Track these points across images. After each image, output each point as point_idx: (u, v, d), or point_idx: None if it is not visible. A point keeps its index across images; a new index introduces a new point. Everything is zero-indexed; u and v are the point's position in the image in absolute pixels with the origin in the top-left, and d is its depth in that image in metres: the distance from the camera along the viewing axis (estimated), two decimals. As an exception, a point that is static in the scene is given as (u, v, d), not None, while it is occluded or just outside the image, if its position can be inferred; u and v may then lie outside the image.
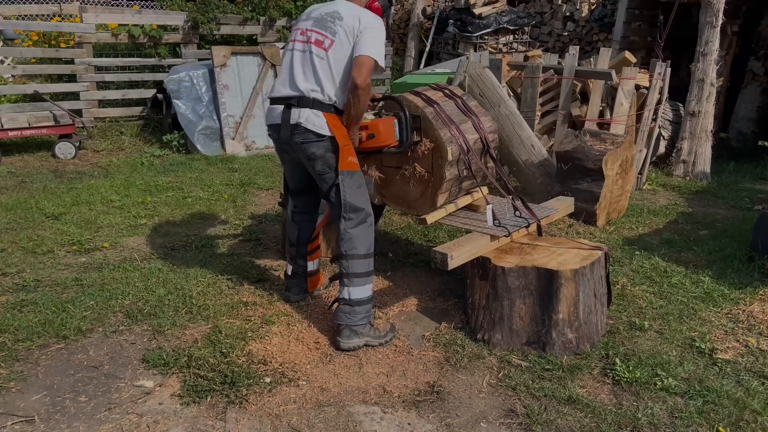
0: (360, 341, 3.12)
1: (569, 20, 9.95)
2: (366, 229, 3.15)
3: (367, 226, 3.16)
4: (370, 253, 3.16)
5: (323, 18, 3.09)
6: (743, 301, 3.73)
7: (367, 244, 3.15)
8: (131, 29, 7.66)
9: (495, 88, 5.32)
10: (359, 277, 3.13)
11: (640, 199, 5.88)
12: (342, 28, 3.03)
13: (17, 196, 5.34)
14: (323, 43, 3.05)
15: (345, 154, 3.08)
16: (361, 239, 3.13)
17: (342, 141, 3.07)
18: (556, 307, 3.06)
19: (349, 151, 3.09)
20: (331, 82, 3.06)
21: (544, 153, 5.40)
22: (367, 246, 3.15)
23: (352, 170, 3.11)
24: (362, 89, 2.96)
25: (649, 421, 2.63)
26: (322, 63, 3.05)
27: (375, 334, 3.17)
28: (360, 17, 3.04)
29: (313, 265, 3.60)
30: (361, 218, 3.13)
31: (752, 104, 8.17)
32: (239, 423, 2.58)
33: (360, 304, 3.12)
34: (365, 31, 3.01)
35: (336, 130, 3.06)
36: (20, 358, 2.97)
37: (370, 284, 3.17)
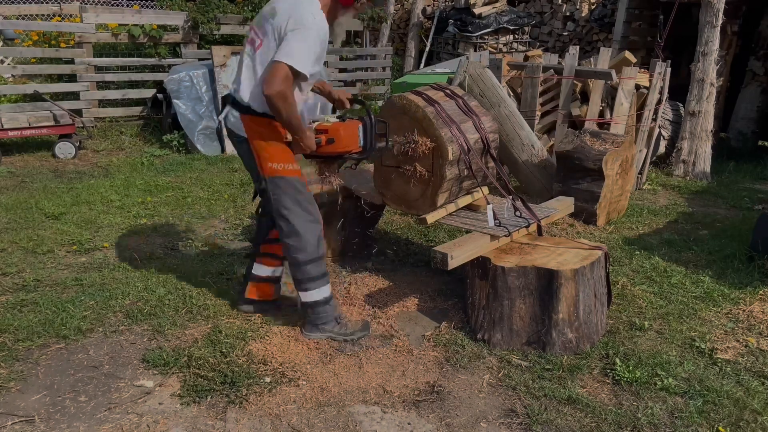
0: (322, 335, 3.16)
1: (569, 20, 9.95)
2: (302, 239, 3.03)
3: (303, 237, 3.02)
4: (312, 258, 3.06)
5: (263, 15, 2.92)
6: (743, 301, 3.73)
7: (307, 251, 3.04)
8: (131, 29, 7.66)
9: (495, 88, 5.32)
10: (307, 281, 3.10)
11: (640, 199, 5.88)
12: (271, 27, 2.83)
13: (17, 195, 5.34)
14: (254, 43, 2.91)
15: (263, 160, 2.96)
16: (296, 248, 3.04)
17: (259, 145, 2.94)
18: (556, 306, 3.06)
19: (270, 158, 2.95)
20: (251, 84, 2.91)
21: (544, 153, 5.40)
22: (306, 254, 3.05)
23: (277, 176, 2.97)
24: (273, 98, 2.73)
25: (649, 421, 2.63)
26: (248, 63, 2.93)
27: (340, 331, 3.16)
28: (292, 15, 2.77)
29: (262, 270, 3.37)
30: (292, 230, 3.03)
31: (752, 104, 8.16)
32: (239, 423, 2.58)
33: (316, 306, 3.12)
34: (292, 32, 2.75)
35: (252, 133, 2.94)
36: (20, 357, 2.97)
37: (323, 286, 3.12)
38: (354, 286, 3.77)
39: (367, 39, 10.07)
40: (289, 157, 3.00)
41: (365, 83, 9.62)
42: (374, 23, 9.95)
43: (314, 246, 3.06)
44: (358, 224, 4.18)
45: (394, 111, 3.50)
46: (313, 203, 3.09)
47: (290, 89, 2.78)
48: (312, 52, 2.78)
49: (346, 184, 3.96)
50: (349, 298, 3.63)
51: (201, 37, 8.18)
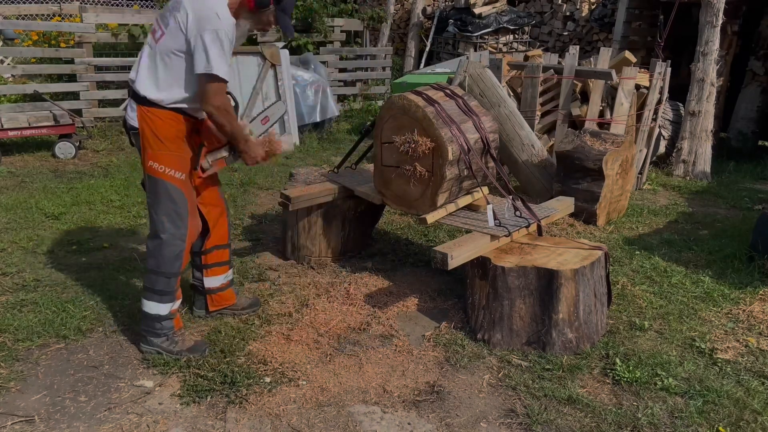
0: (150, 347, 3.01)
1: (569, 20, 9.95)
2: (160, 247, 2.88)
3: (160, 247, 2.88)
4: (161, 271, 2.90)
5: (167, 8, 2.82)
6: (743, 301, 3.73)
7: (158, 261, 2.89)
8: (131, 29, 7.66)
9: (495, 88, 5.32)
10: (147, 290, 2.95)
11: (640, 199, 5.88)
12: (174, 20, 2.71)
13: (17, 195, 5.34)
14: (156, 34, 2.80)
15: (146, 156, 2.83)
16: (152, 252, 2.91)
17: (147, 139, 2.81)
18: (556, 306, 3.06)
19: (152, 155, 2.81)
20: (150, 76, 2.79)
21: (544, 153, 5.40)
22: (157, 263, 2.90)
23: (152, 176, 2.84)
24: (215, 114, 2.74)
25: (649, 421, 2.63)
26: (148, 53, 2.80)
27: (168, 347, 2.98)
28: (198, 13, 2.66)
29: (212, 282, 3.28)
30: (154, 234, 2.90)
31: (752, 104, 8.16)
32: (239, 423, 2.58)
33: (151, 318, 2.96)
34: (205, 36, 2.64)
35: (143, 125, 2.80)
36: (20, 357, 2.97)
37: (160, 304, 2.95)
38: (354, 286, 3.77)
39: (367, 39, 10.07)
40: (175, 163, 2.85)
41: (365, 83, 9.62)
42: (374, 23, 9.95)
43: (169, 260, 2.90)
44: (357, 224, 4.19)
45: (394, 111, 3.50)
46: (183, 219, 2.90)
47: (226, 100, 2.76)
48: (227, 55, 2.71)
49: (346, 184, 3.97)
50: (349, 298, 3.63)
51: (201, 37, 8.18)
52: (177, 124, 2.84)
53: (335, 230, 4.08)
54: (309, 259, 4.11)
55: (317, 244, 4.07)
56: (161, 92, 2.78)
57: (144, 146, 2.83)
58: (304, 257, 4.11)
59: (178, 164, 2.86)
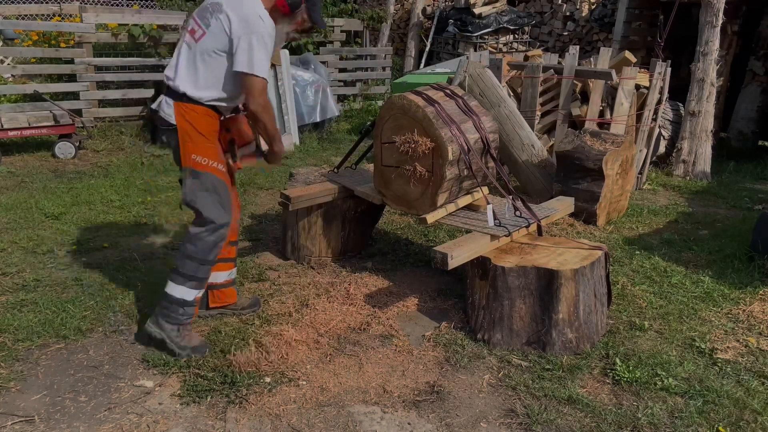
0: (159, 332, 3.01)
1: (569, 20, 9.95)
2: (204, 234, 2.94)
3: (206, 233, 2.94)
4: (197, 257, 2.95)
5: (205, 8, 2.89)
6: (743, 301, 3.73)
7: (198, 247, 2.94)
8: (131, 29, 7.65)
9: (495, 88, 5.32)
10: (179, 274, 2.98)
11: (640, 199, 5.88)
12: (217, 22, 2.80)
13: (17, 195, 5.34)
14: (195, 33, 2.86)
15: (188, 150, 2.89)
16: (194, 241, 2.95)
17: (186, 134, 2.88)
18: (556, 306, 3.06)
19: (194, 149, 2.88)
20: (190, 74, 2.87)
21: (544, 153, 5.40)
22: (196, 249, 2.95)
23: (195, 170, 2.90)
24: (259, 112, 2.85)
25: (649, 421, 2.63)
26: (187, 53, 2.88)
27: (175, 339, 2.99)
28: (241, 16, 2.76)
29: (216, 277, 3.27)
30: (200, 222, 2.96)
31: (752, 104, 8.16)
32: (239, 423, 2.58)
33: (174, 302, 2.98)
34: (248, 38, 2.75)
35: (182, 121, 2.88)
36: (20, 357, 2.97)
37: (193, 290, 3.00)
38: (354, 286, 3.77)
39: (367, 39, 10.07)
40: (215, 155, 2.95)
41: (365, 83, 9.62)
42: (374, 23, 9.94)
43: (209, 248, 2.96)
44: (357, 224, 4.18)
45: (394, 111, 3.50)
46: (227, 209, 2.99)
47: (267, 99, 2.87)
48: (268, 57, 2.82)
49: (346, 184, 3.97)
50: (349, 298, 3.63)
51: (201, 37, 8.18)
52: (212, 119, 2.94)
53: (335, 230, 4.08)
54: (309, 259, 4.11)
55: (317, 244, 4.07)
56: (200, 90, 2.87)
57: (184, 141, 2.90)
58: (304, 257, 4.11)
59: (218, 156, 2.97)
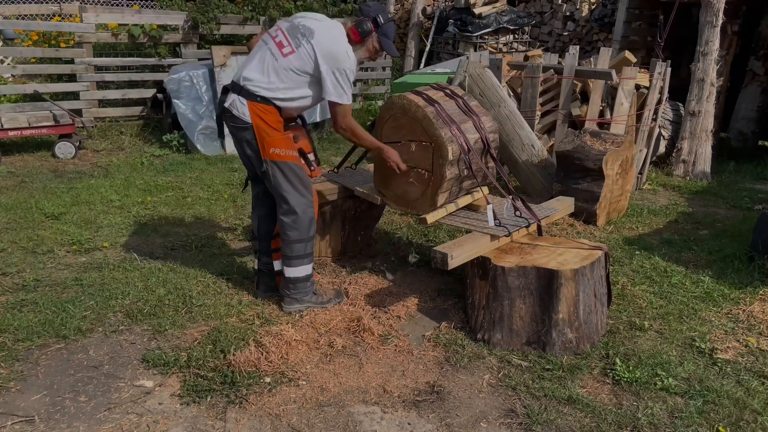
0: (301, 306, 3.41)
1: (569, 20, 9.95)
2: (298, 218, 3.29)
3: (299, 216, 3.28)
4: (302, 238, 3.32)
5: (297, 27, 3.19)
6: (743, 301, 3.73)
7: (300, 230, 3.30)
8: (131, 29, 7.65)
9: (495, 88, 5.32)
10: (293, 258, 3.35)
11: (640, 199, 5.88)
12: (308, 47, 3.13)
13: (17, 195, 5.34)
14: (283, 48, 3.15)
15: (267, 145, 3.20)
16: (291, 226, 3.30)
17: (263, 132, 3.18)
18: (556, 306, 3.06)
19: (272, 143, 3.19)
20: (262, 79, 3.16)
21: (544, 153, 5.40)
22: (299, 233, 3.31)
23: (276, 160, 3.21)
24: (347, 133, 3.30)
25: (649, 421, 2.63)
26: (271, 62, 3.16)
27: (317, 300, 3.44)
28: (332, 52, 3.11)
29: (279, 264, 3.53)
30: (290, 209, 3.28)
31: (752, 104, 8.16)
32: (239, 423, 2.58)
33: (297, 282, 3.38)
34: (336, 73, 3.12)
35: (257, 120, 3.17)
36: (20, 357, 2.97)
37: (307, 265, 3.39)
38: (354, 286, 3.77)
39: (367, 39, 10.06)
40: (290, 144, 3.28)
41: (365, 83, 9.62)
42: (374, 23, 9.94)
43: (306, 227, 3.32)
44: (358, 224, 4.18)
45: (394, 111, 3.50)
46: (309, 188, 3.32)
47: (352, 122, 3.27)
48: (351, 86, 3.20)
49: (347, 184, 3.97)
50: (349, 298, 3.63)
51: (201, 37, 8.17)
52: (278, 116, 3.23)
53: (335, 230, 4.08)
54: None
55: (317, 244, 4.07)
56: (269, 92, 3.17)
57: (262, 137, 3.20)
58: (304, 257, 4.11)
59: (292, 145, 3.31)
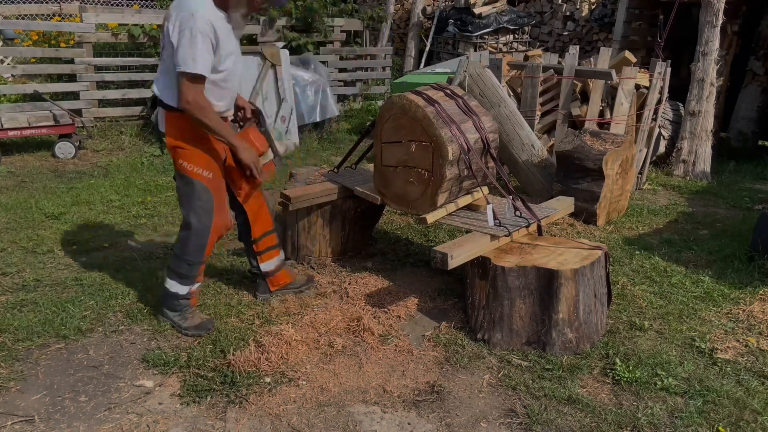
0: (165, 319, 3.30)
1: (569, 20, 9.95)
2: (187, 237, 3.12)
3: (190, 235, 3.11)
4: (188, 259, 3.15)
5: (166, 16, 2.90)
6: (743, 301, 3.73)
7: (186, 250, 3.14)
8: (131, 29, 7.65)
9: (495, 88, 5.32)
10: (173, 273, 3.21)
11: (640, 198, 5.88)
12: (165, 28, 2.85)
13: (17, 195, 5.34)
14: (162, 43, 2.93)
15: (175, 156, 3.04)
16: (181, 242, 3.15)
17: (174, 142, 3.00)
18: (556, 306, 3.06)
19: (181, 155, 3.01)
20: (166, 85, 2.95)
21: (544, 153, 5.39)
22: (185, 251, 3.14)
23: (182, 174, 3.05)
24: (189, 111, 2.83)
25: (649, 421, 2.63)
26: (161, 65, 2.97)
27: (180, 322, 3.24)
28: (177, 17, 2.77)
29: (268, 266, 3.53)
30: (184, 225, 3.14)
31: (752, 104, 8.16)
32: (239, 423, 2.58)
33: (171, 296, 3.24)
34: (179, 36, 2.75)
35: (170, 129, 3.01)
36: (20, 357, 2.97)
37: (184, 285, 3.21)
38: (354, 286, 3.77)
39: (367, 39, 10.06)
40: (200, 160, 3.03)
41: (365, 83, 9.62)
42: (374, 23, 9.94)
43: (193, 250, 3.14)
44: (357, 224, 4.18)
45: (394, 111, 3.50)
46: (209, 214, 3.10)
47: (201, 97, 2.82)
48: (202, 51, 2.75)
49: (346, 184, 3.97)
50: (349, 298, 3.63)
51: (201, 37, 8.17)
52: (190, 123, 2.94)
53: (335, 230, 4.08)
54: (309, 259, 4.10)
55: (317, 243, 4.07)
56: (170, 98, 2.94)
57: (174, 147, 3.03)
58: (304, 257, 4.11)
59: (206, 163, 3.05)
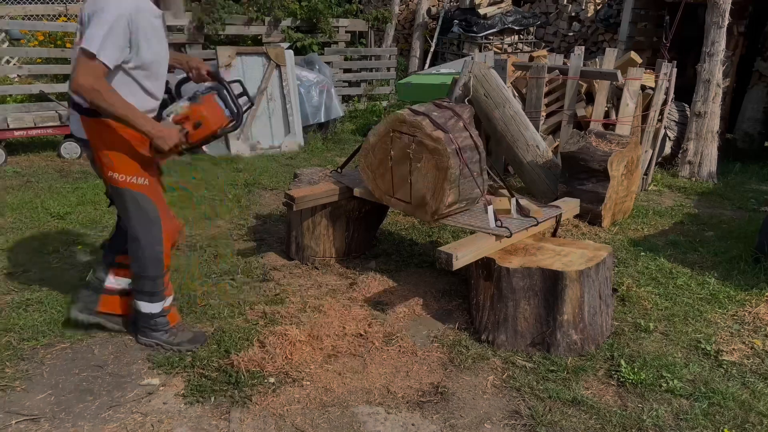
0: (150, 341, 3.06)
1: (574, 20, 9.93)
2: (140, 252, 2.89)
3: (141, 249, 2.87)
4: (147, 274, 2.93)
5: None
6: (749, 303, 3.71)
7: (142, 266, 2.91)
8: (136, 29, 7.66)
9: (500, 89, 5.31)
10: (138, 293, 3.00)
11: (645, 200, 5.86)
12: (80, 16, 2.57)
13: (23, 195, 5.36)
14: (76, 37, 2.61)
15: (104, 167, 2.73)
16: (135, 258, 2.92)
17: (98, 150, 2.70)
18: (561, 308, 3.05)
19: (111, 166, 2.72)
20: None
21: (549, 154, 5.38)
22: (140, 266, 2.92)
23: (115, 186, 2.78)
24: (82, 92, 2.47)
25: (654, 423, 2.62)
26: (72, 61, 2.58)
27: (168, 339, 3.04)
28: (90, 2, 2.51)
29: (114, 282, 3.12)
30: (133, 239, 2.87)
31: (759, 105, 8.13)
32: (243, 423, 2.58)
33: (145, 317, 3.03)
34: (91, 16, 2.48)
35: (92, 136, 2.70)
36: (25, 357, 2.98)
37: (153, 302, 2.99)
38: (358, 286, 3.76)
39: (372, 39, 10.07)
40: (132, 168, 2.76)
41: (370, 84, 9.63)
42: (379, 23, 9.94)
43: (150, 264, 2.92)
44: (362, 224, 4.18)
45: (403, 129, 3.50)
46: (155, 223, 2.88)
47: (100, 80, 2.48)
48: (115, 36, 2.46)
49: (351, 185, 3.97)
50: (353, 299, 3.63)
51: (206, 38, 8.20)
52: (122, 128, 2.65)
53: (339, 230, 4.08)
54: (313, 260, 4.11)
55: (321, 244, 4.07)
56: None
57: (99, 157, 2.73)
58: (308, 257, 4.11)
59: (138, 170, 2.77)
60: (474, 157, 3.47)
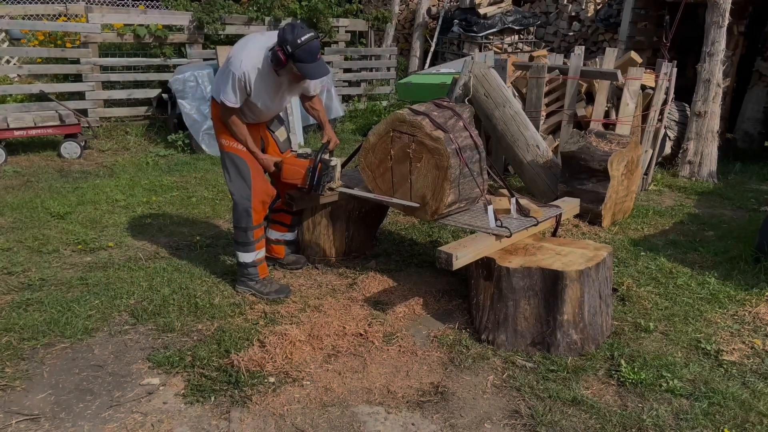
0: (245, 289, 3.67)
1: (575, 20, 9.92)
2: (234, 206, 3.58)
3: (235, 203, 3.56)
4: (239, 225, 3.59)
5: None
6: (749, 303, 3.71)
7: (235, 218, 3.60)
8: (136, 29, 7.68)
9: (500, 89, 5.31)
10: (235, 243, 3.65)
11: (645, 199, 5.86)
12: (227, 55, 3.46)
13: (23, 195, 5.36)
14: None
15: (217, 134, 3.58)
16: (232, 212, 3.63)
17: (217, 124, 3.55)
18: (561, 308, 3.05)
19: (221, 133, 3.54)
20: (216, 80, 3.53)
21: (549, 153, 5.38)
22: (235, 218, 3.60)
23: (222, 150, 3.57)
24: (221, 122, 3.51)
25: (654, 423, 2.62)
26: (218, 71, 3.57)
27: (260, 289, 3.63)
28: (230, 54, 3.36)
29: (272, 234, 3.97)
30: (231, 195, 3.61)
31: (759, 105, 8.12)
32: (243, 422, 2.58)
33: (241, 266, 3.65)
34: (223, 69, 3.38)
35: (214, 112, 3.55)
36: (25, 356, 2.98)
37: (246, 253, 3.62)
38: (358, 286, 3.76)
39: (372, 39, 10.07)
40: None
41: (370, 83, 9.62)
42: (379, 23, 9.94)
43: (240, 216, 3.57)
44: (362, 224, 4.18)
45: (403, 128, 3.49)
46: (247, 182, 3.53)
47: (227, 115, 3.41)
48: (233, 89, 3.32)
49: (350, 185, 3.96)
50: (353, 299, 3.63)
51: (206, 37, 8.19)
52: None
53: (339, 230, 4.08)
54: (313, 259, 4.11)
55: (321, 244, 4.07)
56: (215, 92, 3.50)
57: (216, 127, 3.58)
58: (308, 257, 4.11)
59: None
60: (474, 157, 3.48)
